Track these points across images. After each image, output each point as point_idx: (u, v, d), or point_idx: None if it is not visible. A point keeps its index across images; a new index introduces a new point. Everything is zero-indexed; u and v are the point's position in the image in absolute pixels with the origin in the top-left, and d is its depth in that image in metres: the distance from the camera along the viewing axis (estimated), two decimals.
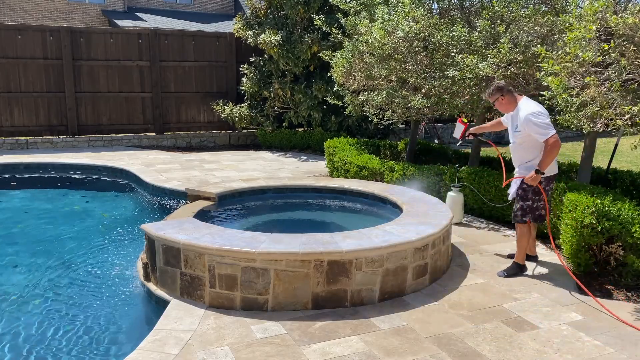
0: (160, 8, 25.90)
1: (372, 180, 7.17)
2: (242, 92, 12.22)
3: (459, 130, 5.26)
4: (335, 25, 9.19)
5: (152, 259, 4.21)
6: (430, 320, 3.74)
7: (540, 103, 4.55)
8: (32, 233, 6.14)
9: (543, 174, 4.33)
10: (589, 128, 4.47)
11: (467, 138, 5.23)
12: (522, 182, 4.47)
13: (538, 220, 4.56)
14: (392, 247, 3.99)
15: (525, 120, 4.26)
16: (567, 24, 4.46)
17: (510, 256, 4.88)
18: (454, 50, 6.13)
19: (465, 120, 5.25)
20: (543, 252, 5.16)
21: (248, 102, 12.14)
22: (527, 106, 4.35)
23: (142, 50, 12.24)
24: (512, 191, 4.62)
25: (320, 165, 9.93)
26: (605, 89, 4.20)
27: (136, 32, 12.35)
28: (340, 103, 9.00)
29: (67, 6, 23.52)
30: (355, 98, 8.27)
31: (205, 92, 12.90)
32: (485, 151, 7.59)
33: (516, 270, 4.58)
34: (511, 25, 5.85)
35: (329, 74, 9.27)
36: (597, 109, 4.29)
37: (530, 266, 4.80)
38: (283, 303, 3.84)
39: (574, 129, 4.74)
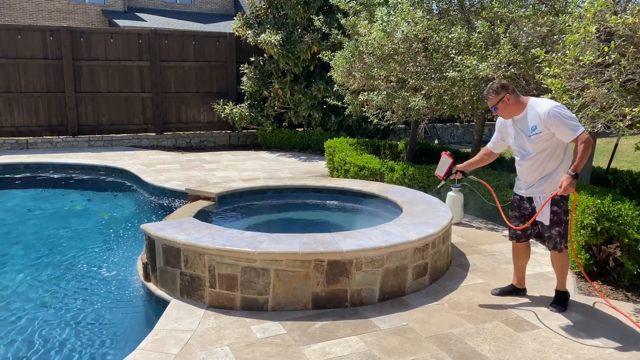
0: (160, 8, 25.90)
1: (372, 180, 7.17)
2: (242, 92, 12.22)
3: (443, 166, 4.30)
4: (335, 25, 9.20)
5: (152, 259, 4.21)
6: (430, 320, 3.74)
7: None
8: (32, 232, 6.14)
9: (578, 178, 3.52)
10: (589, 129, 4.46)
11: (452, 177, 4.27)
12: (553, 201, 3.68)
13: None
14: (392, 247, 3.99)
15: (551, 116, 3.47)
16: (567, 25, 4.46)
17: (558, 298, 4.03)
18: (453, 52, 6.14)
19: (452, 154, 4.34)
20: (543, 252, 5.17)
21: (248, 102, 12.15)
22: (544, 102, 3.61)
23: (142, 50, 12.24)
24: (544, 217, 3.75)
25: (320, 165, 9.93)
26: (605, 90, 4.20)
27: (136, 32, 12.35)
28: (340, 103, 9.01)
29: (67, 6, 23.53)
30: (355, 98, 8.27)
31: (205, 92, 12.90)
32: None
33: (567, 298, 3.96)
34: (511, 26, 5.85)
35: (328, 74, 9.28)
36: (598, 110, 4.29)
37: (530, 267, 4.80)
38: (283, 303, 3.85)
39: None
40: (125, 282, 4.68)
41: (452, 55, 6.15)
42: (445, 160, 4.26)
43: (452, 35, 6.13)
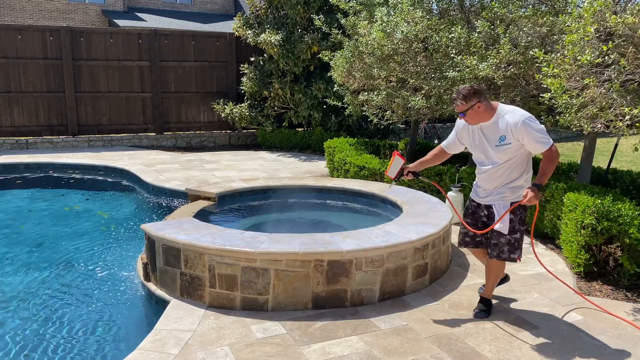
0: (160, 8, 25.90)
1: (372, 180, 7.17)
2: (242, 92, 12.22)
3: (395, 167, 4.07)
4: (335, 25, 9.20)
5: (152, 259, 4.22)
6: (430, 320, 3.74)
7: (540, 104, 4.50)
8: (32, 233, 6.14)
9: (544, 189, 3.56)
10: (589, 129, 4.46)
11: (402, 178, 4.08)
12: (512, 208, 3.56)
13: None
14: (392, 247, 3.99)
15: (522, 126, 3.35)
16: (566, 25, 4.46)
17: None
18: (454, 52, 6.14)
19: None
20: (543, 252, 5.17)
21: (248, 102, 12.15)
22: (514, 111, 3.46)
23: (142, 50, 12.24)
24: (499, 224, 3.61)
25: (320, 165, 9.93)
26: (604, 90, 4.20)
27: (136, 32, 12.35)
28: (340, 103, 9.01)
29: (67, 6, 23.53)
30: (355, 98, 8.27)
31: (205, 92, 12.90)
32: None
33: (491, 306, 3.91)
34: (510, 26, 5.85)
35: (329, 74, 9.28)
36: (597, 109, 4.29)
37: (530, 267, 4.81)
38: (283, 303, 3.85)
39: (574, 129, 4.73)
40: (125, 282, 4.68)
41: (452, 55, 6.15)
42: (397, 161, 4.08)
43: (452, 35, 6.13)
